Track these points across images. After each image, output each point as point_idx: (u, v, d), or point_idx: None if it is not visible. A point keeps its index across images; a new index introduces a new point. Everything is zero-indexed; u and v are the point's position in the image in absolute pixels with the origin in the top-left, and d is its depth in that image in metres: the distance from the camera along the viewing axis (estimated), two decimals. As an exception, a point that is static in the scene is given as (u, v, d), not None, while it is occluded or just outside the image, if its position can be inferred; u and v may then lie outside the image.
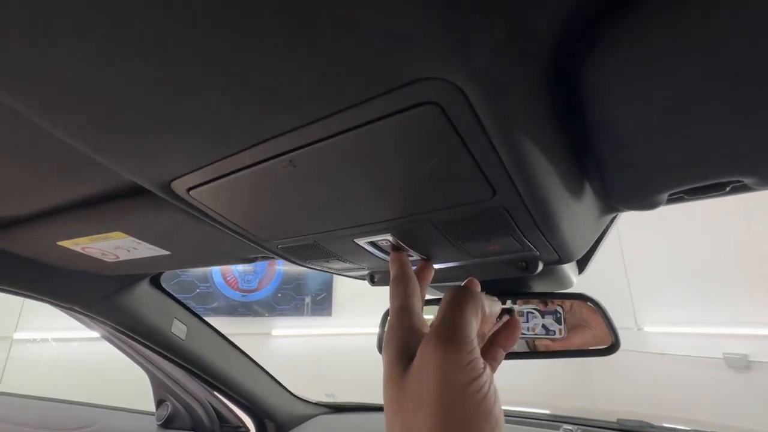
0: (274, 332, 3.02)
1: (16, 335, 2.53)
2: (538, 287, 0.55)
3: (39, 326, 2.54)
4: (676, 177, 0.28)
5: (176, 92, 0.20)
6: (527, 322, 0.55)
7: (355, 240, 0.36)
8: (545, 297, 0.53)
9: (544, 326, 0.54)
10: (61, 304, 0.72)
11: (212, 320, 0.95)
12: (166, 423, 1.06)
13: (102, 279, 0.71)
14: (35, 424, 1.10)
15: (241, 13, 0.15)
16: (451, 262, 0.41)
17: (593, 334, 0.53)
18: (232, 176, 0.27)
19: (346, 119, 0.21)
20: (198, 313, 0.93)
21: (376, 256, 0.39)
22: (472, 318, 0.26)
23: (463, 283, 0.36)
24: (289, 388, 1.13)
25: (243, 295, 3.03)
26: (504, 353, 0.33)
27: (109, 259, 0.57)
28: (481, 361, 0.24)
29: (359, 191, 0.28)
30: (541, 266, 0.40)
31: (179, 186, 0.30)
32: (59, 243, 0.52)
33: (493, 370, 0.32)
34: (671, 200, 0.32)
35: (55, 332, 2.55)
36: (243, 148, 0.24)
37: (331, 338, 3.07)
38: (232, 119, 0.22)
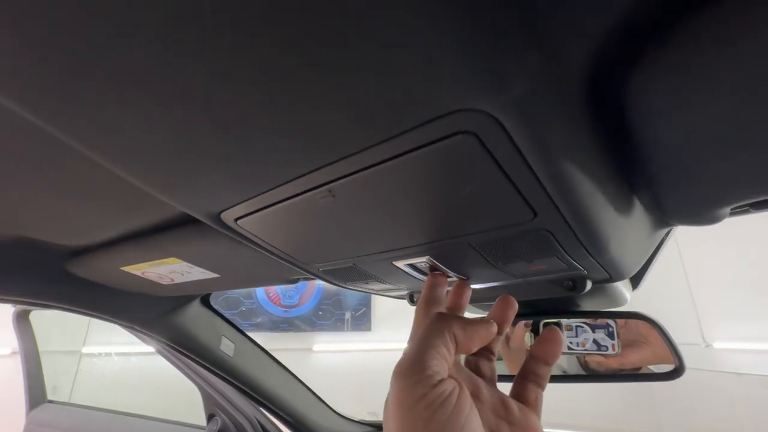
0: (315, 347, 3.06)
1: (84, 350, 2.75)
2: (588, 305, 0.52)
3: (103, 341, 2.75)
4: (741, 191, 0.26)
5: (224, 135, 0.22)
6: (576, 336, 0.51)
7: (393, 262, 0.36)
8: (595, 316, 0.50)
9: (595, 341, 0.51)
10: (123, 323, 0.77)
11: (256, 335, 0.99)
12: (217, 438, 1.09)
13: (158, 300, 0.76)
14: (96, 433, 1.19)
15: (281, 60, 0.16)
16: (492, 282, 0.40)
17: (653, 351, 0.49)
18: (276, 206, 0.29)
19: (382, 151, 0.21)
20: (243, 328, 0.96)
21: (415, 278, 0.39)
22: (437, 342, 0.26)
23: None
24: (331, 405, 1.13)
25: (285, 311, 3.11)
26: (549, 368, 0.32)
27: (165, 282, 0.61)
28: (436, 378, 0.24)
29: (397, 217, 0.28)
30: (589, 285, 0.38)
31: (228, 216, 0.32)
32: (122, 268, 0.57)
33: (542, 387, 0.31)
34: (734, 213, 0.30)
35: (117, 347, 2.74)
36: (285, 181, 0.26)
37: (371, 354, 3.05)
38: (274, 156, 0.23)
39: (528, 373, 0.31)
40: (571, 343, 0.51)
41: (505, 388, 0.32)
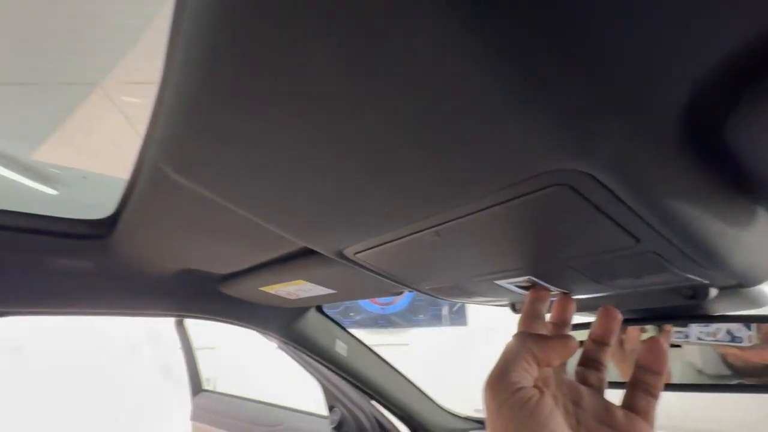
0: (413, 343, 3.16)
1: (222, 347, 3.27)
2: (717, 308, 0.47)
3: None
4: None
5: (349, 196, 0.28)
6: (707, 327, 0.47)
7: (495, 282, 0.39)
8: (723, 321, 0.45)
9: (728, 332, 0.46)
10: (260, 330, 0.93)
11: (356, 332, 1.09)
12: (338, 427, 1.23)
13: (285, 310, 0.89)
14: (242, 418, 1.42)
15: (405, 145, 0.21)
16: (597, 293, 0.40)
17: None
18: (389, 244, 0.34)
19: (482, 202, 0.25)
20: (344, 325, 1.07)
21: (517, 293, 0.41)
22: (516, 357, 0.29)
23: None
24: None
25: (382, 309, 3.29)
26: (659, 377, 0.31)
27: (292, 297, 0.73)
28: (516, 386, 0.28)
29: (497, 250, 0.31)
30: (714, 292, 0.35)
31: (349, 252, 0.38)
32: (260, 288, 0.69)
33: (653, 396, 0.31)
34: None
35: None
36: (400, 226, 0.31)
37: (470, 349, 3.04)
38: (389, 208, 0.28)
39: (637, 381, 0.31)
40: (701, 333, 0.48)
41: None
